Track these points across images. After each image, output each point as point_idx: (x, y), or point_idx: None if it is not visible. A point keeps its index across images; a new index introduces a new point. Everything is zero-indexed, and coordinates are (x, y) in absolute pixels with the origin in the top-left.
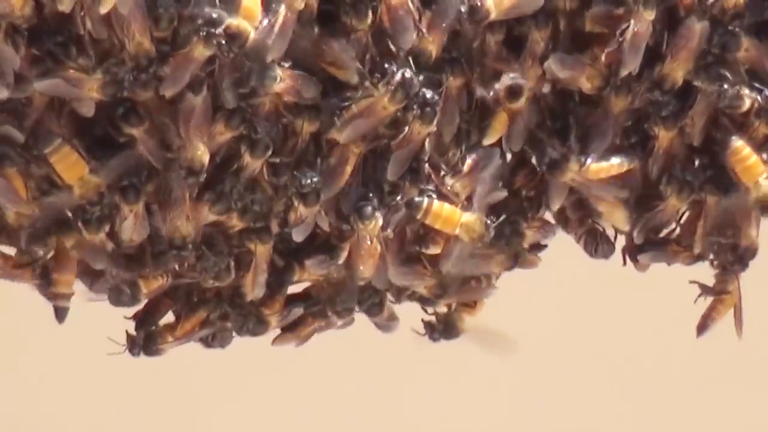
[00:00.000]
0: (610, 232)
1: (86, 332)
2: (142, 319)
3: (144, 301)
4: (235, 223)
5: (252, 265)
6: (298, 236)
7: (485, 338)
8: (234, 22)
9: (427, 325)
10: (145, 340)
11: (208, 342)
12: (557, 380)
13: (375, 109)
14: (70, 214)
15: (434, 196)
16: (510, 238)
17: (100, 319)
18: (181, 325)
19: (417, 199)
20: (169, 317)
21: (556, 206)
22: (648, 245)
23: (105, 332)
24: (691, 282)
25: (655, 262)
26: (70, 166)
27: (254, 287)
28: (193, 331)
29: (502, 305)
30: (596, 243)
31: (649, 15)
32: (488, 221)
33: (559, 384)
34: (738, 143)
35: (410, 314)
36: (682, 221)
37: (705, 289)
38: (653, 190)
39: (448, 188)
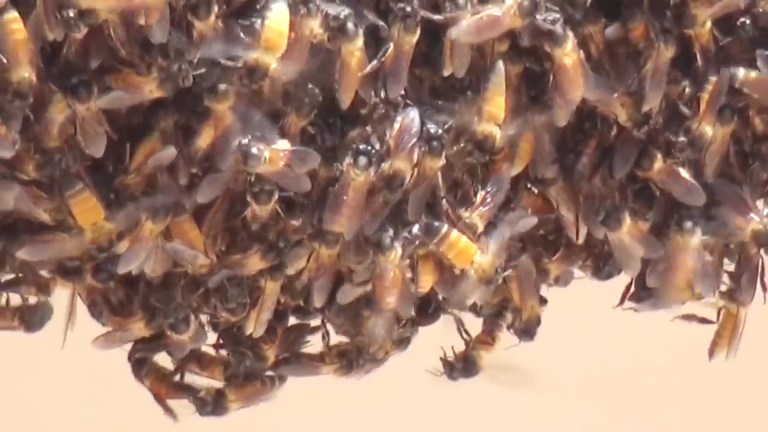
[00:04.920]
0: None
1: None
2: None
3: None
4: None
5: (259, 302)
6: (318, 300)
7: (503, 374)
8: (253, 55)
9: (446, 363)
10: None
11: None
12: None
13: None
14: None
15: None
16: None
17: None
18: None
19: (436, 224)
20: None
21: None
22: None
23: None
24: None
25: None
26: (88, 210)
27: (257, 324)
28: None
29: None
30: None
31: (670, 51)
32: (498, 269)
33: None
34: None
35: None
36: None
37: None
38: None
39: (466, 221)
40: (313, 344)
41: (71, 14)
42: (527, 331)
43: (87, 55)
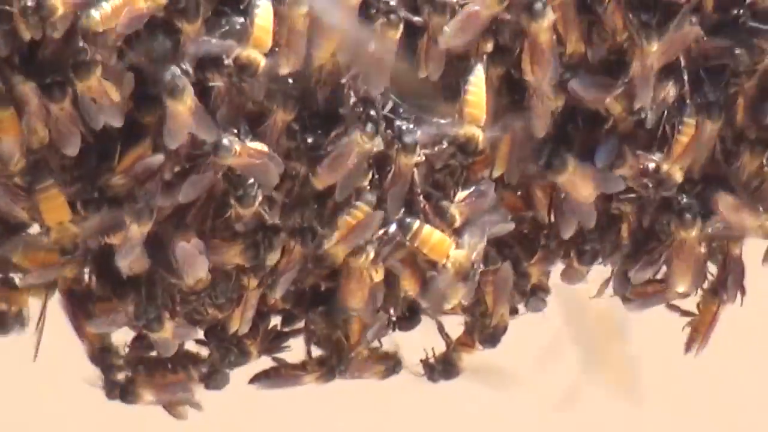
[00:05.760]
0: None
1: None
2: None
3: None
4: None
5: (242, 300)
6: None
7: (484, 375)
8: (244, 52)
9: (426, 365)
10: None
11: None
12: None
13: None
14: None
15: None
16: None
17: None
18: None
19: (408, 219)
20: None
21: (567, 235)
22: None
23: None
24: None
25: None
26: (55, 208)
27: (242, 322)
28: None
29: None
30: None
31: (654, 47)
32: (475, 265)
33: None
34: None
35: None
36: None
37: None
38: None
39: (445, 211)
40: (292, 349)
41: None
42: (493, 338)
43: (62, 56)
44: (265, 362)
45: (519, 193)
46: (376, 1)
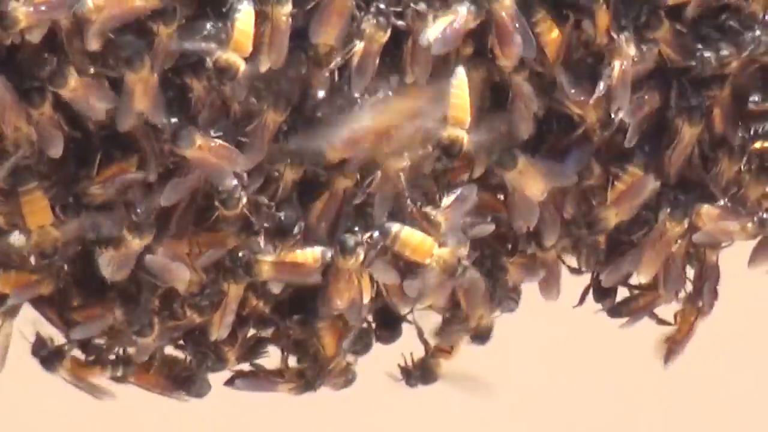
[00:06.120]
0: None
1: None
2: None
3: None
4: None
5: (222, 305)
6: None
7: (462, 382)
8: (224, 55)
9: (404, 370)
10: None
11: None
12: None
13: None
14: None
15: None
16: (492, 271)
17: None
18: None
19: (387, 225)
20: None
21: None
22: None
23: None
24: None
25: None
26: (38, 211)
27: (221, 327)
28: None
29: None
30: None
31: (632, 49)
32: (460, 259)
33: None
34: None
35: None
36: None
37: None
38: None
39: (431, 217)
40: (270, 355)
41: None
42: (481, 337)
43: (41, 61)
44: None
45: (497, 194)
46: (365, 4)
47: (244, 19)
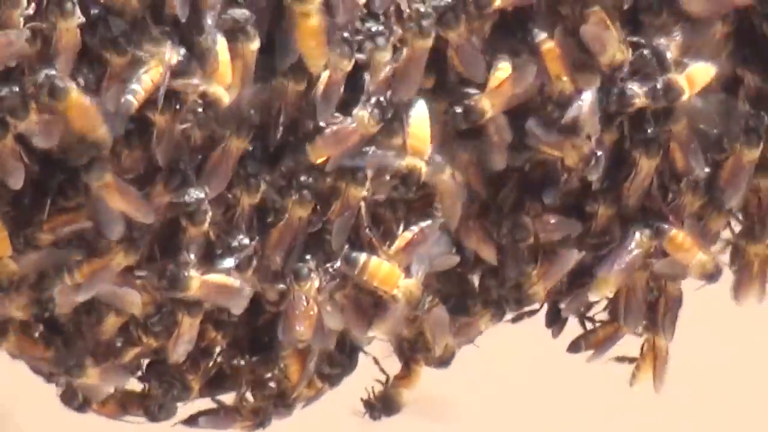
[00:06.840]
0: None
1: None
2: None
3: None
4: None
5: (175, 334)
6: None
7: (426, 408)
8: (210, 88)
9: (366, 404)
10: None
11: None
12: None
13: None
14: None
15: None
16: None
17: None
18: None
19: (354, 254)
20: None
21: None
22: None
23: None
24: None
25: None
26: None
27: (176, 348)
28: None
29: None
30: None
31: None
32: (425, 293)
33: None
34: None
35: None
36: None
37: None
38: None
39: (387, 249)
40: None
41: None
42: (442, 362)
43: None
44: None
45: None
46: (362, 28)
47: (223, 51)
